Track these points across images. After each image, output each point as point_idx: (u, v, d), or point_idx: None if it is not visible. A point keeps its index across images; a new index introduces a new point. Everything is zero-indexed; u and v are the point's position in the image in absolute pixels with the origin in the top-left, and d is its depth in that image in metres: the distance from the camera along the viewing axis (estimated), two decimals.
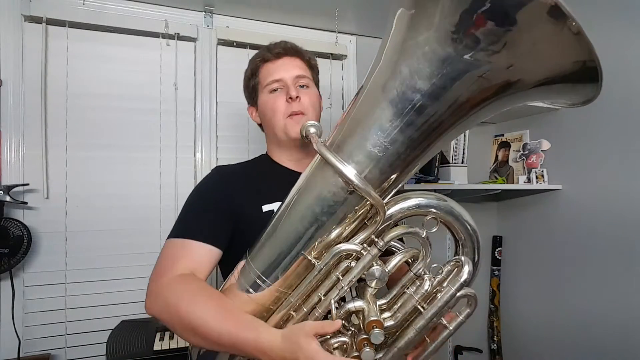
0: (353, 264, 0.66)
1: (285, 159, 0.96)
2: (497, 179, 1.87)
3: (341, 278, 0.66)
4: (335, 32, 1.80)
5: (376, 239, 0.66)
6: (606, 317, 1.47)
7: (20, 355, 1.34)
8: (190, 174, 1.62)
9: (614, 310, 1.45)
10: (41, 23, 1.40)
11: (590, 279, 1.53)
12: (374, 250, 0.65)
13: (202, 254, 0.78)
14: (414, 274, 0.71)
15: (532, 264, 1.81)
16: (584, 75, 0.52)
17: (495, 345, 1.93)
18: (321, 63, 1.82)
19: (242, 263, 0.77)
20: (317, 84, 1.00)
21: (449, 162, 1.67)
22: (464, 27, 0.52)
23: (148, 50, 1.57)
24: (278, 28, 1.75)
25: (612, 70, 1.45)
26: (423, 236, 0.69)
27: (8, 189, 1.31)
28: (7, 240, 1.29)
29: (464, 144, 1.70)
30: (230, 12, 1.66)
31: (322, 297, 0.68)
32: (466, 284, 0.68)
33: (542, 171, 1.69)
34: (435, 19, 0.56)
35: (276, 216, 0.74)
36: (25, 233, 1.33)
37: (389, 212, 0.66)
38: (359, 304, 0.67)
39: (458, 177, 1.67)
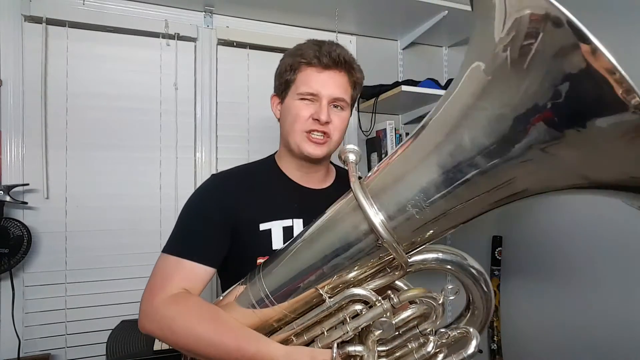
0: (363, 311, 0.66)
1: (293, 170, 0.91)
2: None
3: (348, 321, 0.66)
4: (335, 32, 1.80)
5: (392, 295, 0.65)
6: (606, 317, 1.47)
7: (20, 355, 1.34)
8: (190, 174, 1.62)
9: (614, 309, 1.44)
10: (41, 23, 1.40)
11: (590, 279, 1.53)
12: (387, 305, 0.64)
13: (196, 274, 0.77)
14: (419, 331, 0.70)
15: (532, 264, 1.81)
16: None
17: (495, 345, 1.93)
18: None
19: (254, 275, 0.75)
20: (354, 103, 0.93)
21: None
22: (545, 111, 0.46)
23: (148, 50, 1.57)
24: (278, 28, 1.75)
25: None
26: (440, 302, 0.67)
27: (8, 189, 1.31)
28: (7, 240, 1.29)
29: None
30: (230, 12, 1.66)
31: (325, 333, 0.68)
32: (471, 358, 0.68)
33: None
34: (518, 93, 0.48)
35: (298, 241, 0.72)
36: (25, 233, 1.33)
37: (410, 260, 0.65)
38: (359, 348, 0.67)
39: None
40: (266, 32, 1.70)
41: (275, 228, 0.84)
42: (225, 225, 0.81)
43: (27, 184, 1.37)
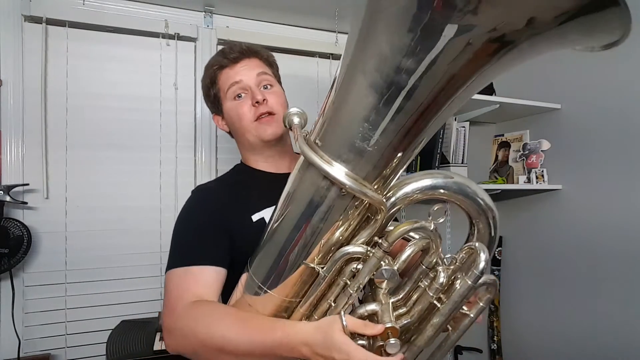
0: (359, 267, 0.62)
1: (262, 162, 0.93)
2: (497, 179, 1.87)
3: (349, 283, 0.62)
4: (335, 32, 1.80)
5: (379, 240, 0.61)
6: (606, 317, 1.47)
7: (20, 355, 1.34)
8: (190, 174, 1.62)
9: (614, 309, 1.44)
10: (41, 23, 1.40)
11: (590, 279, 1.53)
12: (379, 253, 0.61)
13: (207, 277, 0.75)
14: (426, 267, 0.65)
15: (532, 264, 1.81)
16: (597, 2, 0.40)
17: (495, 345, 1.93)
18: (321, 63, 1.84)
19: (245, 276, 0.75)
20: (279, 80, 0.97)
21: (449, 162, 1.66)
22: None
23: (148, 50, 1.57)
24: (278, 28, 1.74)
25: (612, 71, 1.45)
26: (431, 229, 0.62)
27: (8, 189, 1.31)
28: (7, 240, 1.29)
29: (464, 144, 1.69)
30: (230, 12, 1.66)
31: (333, 304, 0.65)
32: (483, 274, 0.62)
33: (542, 171, 1.69)
34: None
35: (270, 226, 0.70)
36: (25, 233, 1.33)
37: (392, 200, 0.61)
38: (371, 307, 0.62)
39: None
40: (266, 32, 1.70)
41: (268, 214, 0.83)
42: (218, 227, 0.81)
43: (27, 184, 1.37)
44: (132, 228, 1.53)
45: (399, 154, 0.56)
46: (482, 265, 0.61)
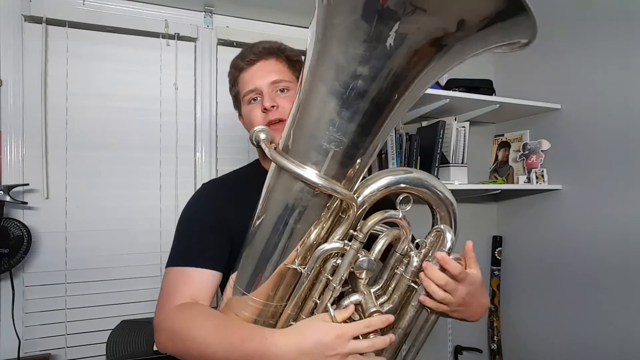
0: (339, 261, 0.66)
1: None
2: (497, 179, 1.87)
3: (331, 278, 0.66)
4: None
5: (355, 232, 0.65)
6: (606, 317, 1.47)
7: (20, 355, 1.34)
8: (190, 174, 1.62)
9: (614, 309, 1.45)
10: (41, 23, 1.40)
11: (590, 279, 1.53)
12: (356, 244, 0.65)
13: (202, 280, 0.77)
14: (400, 254, 0.71)
15: (532, 264, 1.81)
16: (511, 9, 0.49)
17: (495, 345, 1.93)
18: None
19: (234, 276, 0.75)
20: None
21: (448, 162, 1.66)
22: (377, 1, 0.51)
23: (148, 50, 1.57)
24: (278, 28, 1.74)
25: (612, 71, 1.45)
26: (400, 217, 0.68)
27: (8, 189, 1.31)
28: (7, 240, 1.29)
29: (464, 144, 1.69)
30: (230, 12, 1.66)
31: (318, 301, 0.68)
32: (451, 251, 0.70)
33: (542, 171, 1.69)
34: (354, 1, 0.53)
35: (250, 232, 0.72)
36: (25, 233, 1.33)
37: (360, 199, 0.66)
38: (355, 298, 0.67)
39: (458, 177, 1.67)
40: (266, 32, 1.70)
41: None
42: (221, 228, 0.82)
43: (27, 184, 1.37)
44: (132, 228, 1.52)
45: (362, 152, 0.62)
46: (449, 243, 0.69)
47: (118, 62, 1.53)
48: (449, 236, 0.70)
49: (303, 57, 0.66)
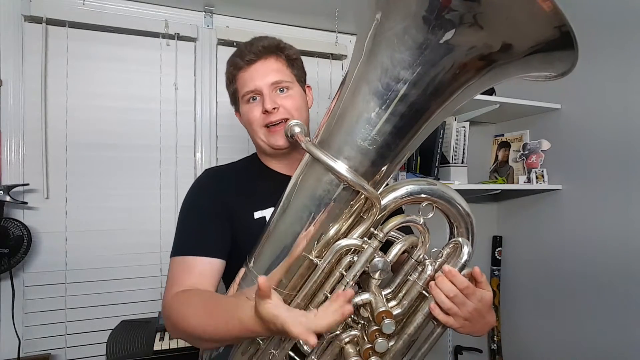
0: (355, 258, 0.66)
1: (274, 163, 0.93)
2: (497, 179, 1.87)
3: (345, 274, 0.66)
4: (335, 32, 1.80)
5: (375, 231, 0.66)
6: (606, 317, 1.47)
7: (20, 355, 1.34)
8: (190, 174, 1.62)
9: (614, 309, 1.44)
10: (41, 23, 1.40)
11: (590, 279, 1.53)
12: (375, 243, 0.65)
13: (204, 268, 0.78)
14: (415, 260, 0.72)
15: (532, 264, 1.81)
16: (560, 42, 0.52)
17: (495, 345, 1.93)
18: (321, 63, 1.84)
19: (242, 270, 0.76)
20: (301, 78, 0.93)
21: (449, 162, 1.66)
22: (436, 10, 0.53)
23: (148, 50, 1.57)
24: (278, 28, 1.75)
25: (612, 71, 1.45)
26: (420, 223, 0.69)
27: (8, 189, 1.31)
28: (7, 240, 1.29)
29: (464, 144, 1.69)
30: (230, 12, 1.66)
31: (329, 295, 0.67)
32: (467, 264, 0.70)
33: (542, 171, 1.69)
34: (410, 8, 0.56)
35: (273, 219, 0.73)
36: (25, 233, 1.33)
37: (383, 202, 0.66)
38: (365, 296, 0.67)
39: (458, 177, 1.67)
40: (266, 32, 1.67)
41: (269, 214, 0.84)
42: (222, 215, 0.83)
43: (27, 184, 1.37)
44: (132, 228, 1.53)
45: (392, 155, 0.64)
46: (465, 257, 0.70)
47: (118, 62, 1.53)
48: (465, 249, 0.70)
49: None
